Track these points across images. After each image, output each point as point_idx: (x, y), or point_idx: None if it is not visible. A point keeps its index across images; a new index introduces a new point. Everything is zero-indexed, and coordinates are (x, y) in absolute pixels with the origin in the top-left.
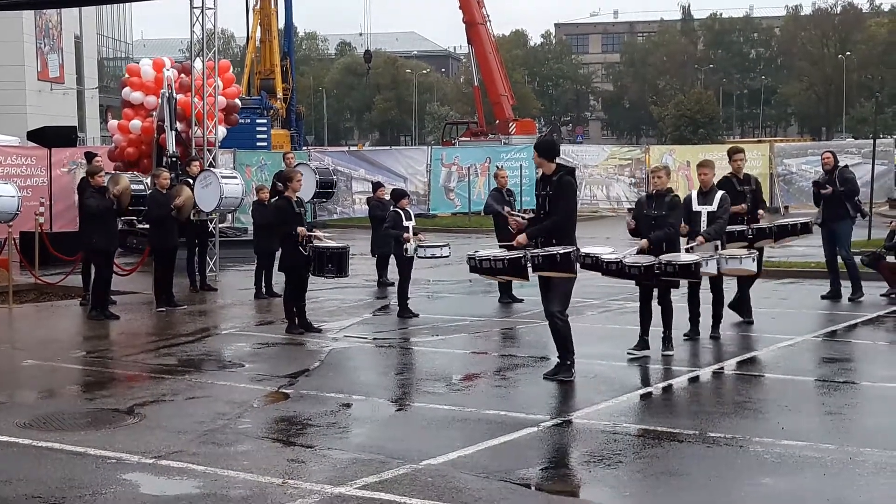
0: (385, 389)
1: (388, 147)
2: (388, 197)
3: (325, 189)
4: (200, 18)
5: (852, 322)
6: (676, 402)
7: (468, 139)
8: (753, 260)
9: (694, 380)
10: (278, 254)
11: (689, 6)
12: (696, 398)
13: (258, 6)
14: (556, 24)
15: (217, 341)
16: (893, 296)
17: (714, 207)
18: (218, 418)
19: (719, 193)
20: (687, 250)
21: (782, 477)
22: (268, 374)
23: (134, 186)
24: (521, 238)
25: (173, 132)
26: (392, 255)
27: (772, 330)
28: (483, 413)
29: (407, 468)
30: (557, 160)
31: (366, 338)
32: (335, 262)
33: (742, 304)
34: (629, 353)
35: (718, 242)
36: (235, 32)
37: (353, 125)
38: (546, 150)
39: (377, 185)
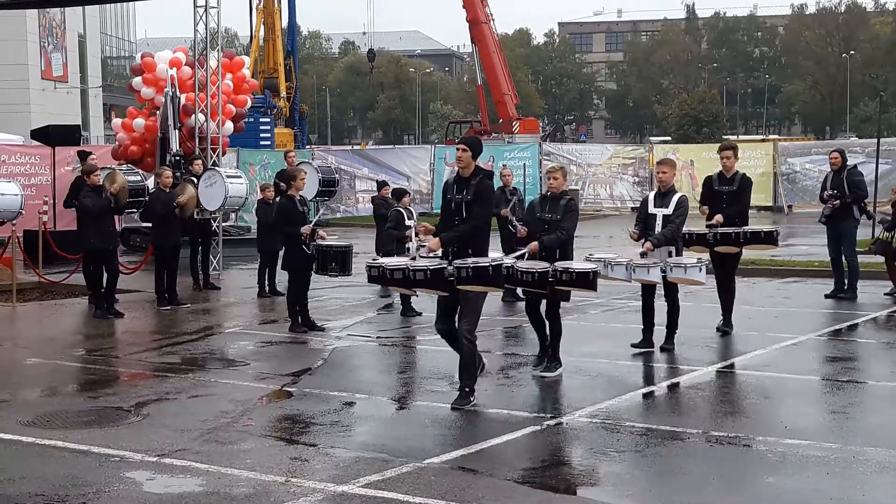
0: (388, 388)
1: (391, 146)
2: (391, 196)
3: (328, 188)
4: (204, 17)
5: (856, 321)
6: (679, 401)
7: None
8: (701, 269)
9: (697, 379)
10: (281, 252)
11: (692, 5)
12: (698, 397)
13: (262, 5)
14: (559, 23)
15: (220, 340)
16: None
17: (670, 210)
18: (221, 416)
19: (677, 196)
20: (641, 255)
21: (785, 476)
22: (271, 373)
23: (130, 178)
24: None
25: (177, 131)
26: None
27: (775, 329)
28: (486, 412)
29: (410, 466)
30: (477, 161)
31: (369, 336)
32: (338, 261)
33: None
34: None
35: (673, 248)
36: (239, 31)
37: (357, 124)
38: (476, 147)
39: (382, 184)
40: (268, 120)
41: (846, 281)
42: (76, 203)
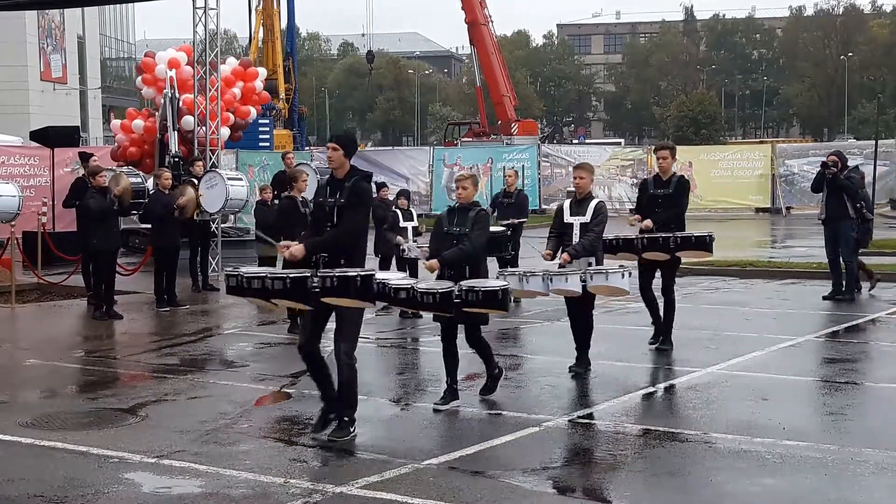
0: (387, 389)
1: (390, 147)
2: (391, 197)
3: None
4: (203, 19)
5: (854, 322)
6: (678, 403)
7: (470, 140)
8: (623, 276)
9: (695, 380)
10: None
11: (691, 7)
12: (697, 398)
13: (261, 6)
14: (558, 25)
15: (219, 341)
16: (872, 286)
17: (587, 218)
18: (220, 418)
19: (594, 202)
20: (560, 266)
21: (784, 477)
22: (270, 374)
23: (131, 180)
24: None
25: (176, 132)
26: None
27: (773, 330)
28: (485, 413)
29: (409, 468)
30: (353, 161)
31: (368, 338)
32: None
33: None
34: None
35: (593, 259)
36: (238, 33)
37: (356, 125)
38: (349, 145)
39: (380, 186)
40: (267, 121)
41: (844, 282)
42: (79, 204)
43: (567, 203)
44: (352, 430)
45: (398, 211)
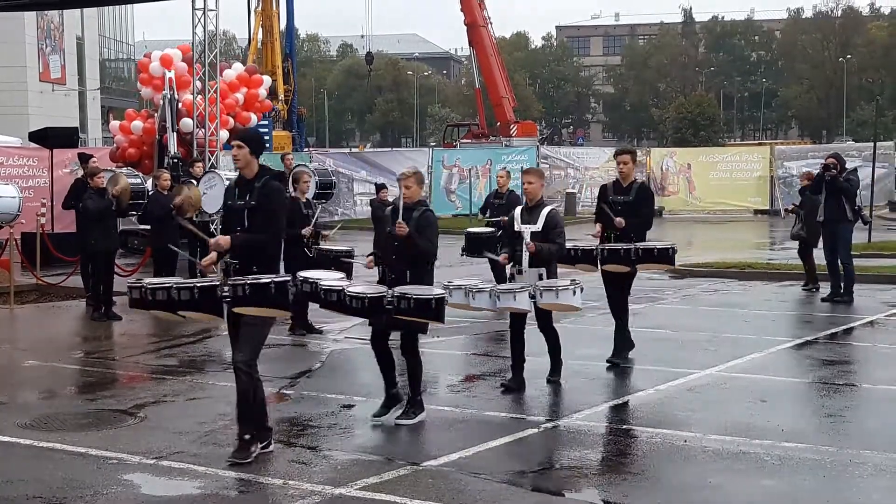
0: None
1: (389, 149)
2: (390, 198)
3: (325, 190)
4: (202, 20)
5: (852, 324)
6: (676, 405)
7: (469, 141)
8: (575, 292)
9: (693, 382)
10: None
11: (690, 9)
12: (696, 400)
13: (260, 8)
14: (557, 27)
15: (218, 342)
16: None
17: (538, 227)
18: (219, 419)
19: (546, 210)
20: (509, 278)
21: (782, 479)
22: (269, 375)
23: (130, 180)
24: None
25: (175, 133)
26: None
27: (772, 332)
28: (483, 414)
29: (408, 469)
30: (262, 160)
31: (367, 339)
32: (339, 267)
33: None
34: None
35: (544, 270)
36: (237, 34)
37: (355, 127)
38: (255, 142)
39: (380, 187)
40: (266, 123)
41: (842, 284)
42: (78, 205)
43: (518, 210)
44: (253, 449)
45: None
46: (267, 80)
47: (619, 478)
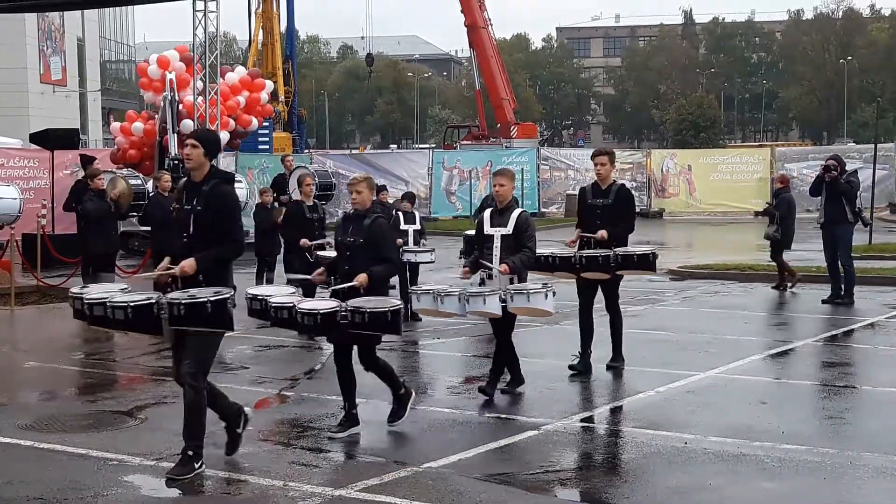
0: (386, 392)
1: (389, 150)
2: (390, 200)
3: (324, 192)
4: (203, 21)
5: (852, 326)
6: (677, 407)
7: (470, 143)
8: (547, 296)
9: (694, 384)
10: (279, 257)
11: (690, 10)
12: (696, 402)
13: (260, 9)
14: (557, 28)
15: None
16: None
17: (509, 230)
18: (218, 420)
19: (516, 213)
20: (480, 282)
21: (783, 481)
22: (269, 377)
23: (131, 182)
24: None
25: (175, 135)
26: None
27: (772, 334)
28: (484, 416)
29: (408, 471)
30: (215, 161)
31: None
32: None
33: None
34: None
35: (515, 276)
36: (238, 35)
37: (355, 128)
38: (210, 142)
39: (380, 189)
40: (266, 124)
41: (843, 286)
42: (78, 207)
43: (487, 213)
44: (196, 466)
45: (400, 213)
46: (269, 84)
47: (619, 480)
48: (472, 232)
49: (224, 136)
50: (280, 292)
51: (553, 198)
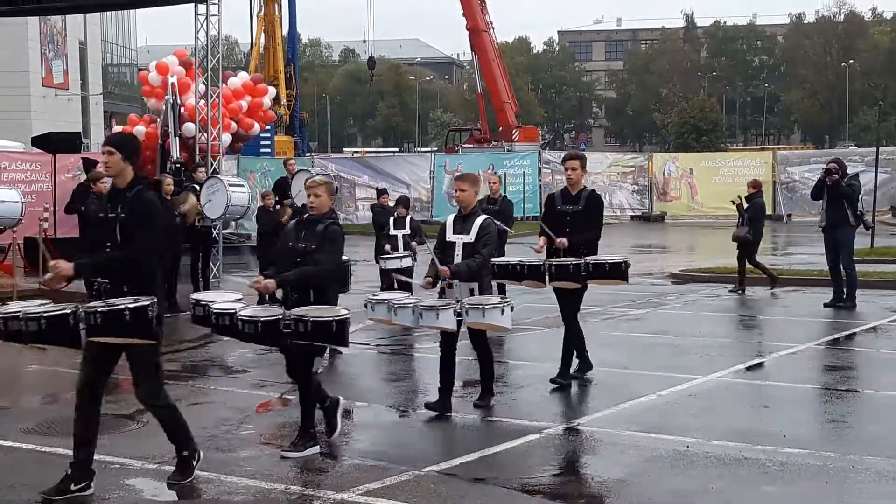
0: (387, 396)
1: (391, 153)
2: (391, 203)
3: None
4: (205, 25)
5: (854, 330)
6: (679, 410)
7: (471, 146)
8: (504, 311)
9: (695, 388)
10: None
11: (692, 14)
12: (698, 406)
13: (262, 13)
14: (559, 32)
15: (220, 347)
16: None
17: (471, 238)
18: (221, 424)
19: (480, 219)
20: (440, 293)
21: (785, 485)
22: (270, 380)
23: None
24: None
25: (177, 138)
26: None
27: (774, 338)
28: (486, 420)
29: (409, 474)
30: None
31: (368, 344)
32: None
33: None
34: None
35: (476, 286)
36: (240, 39)
37: (357, 132)
38: (126, 146)
39: (381, 192)
40: (268, 127)
41: (845, 290)
42: (81, 210)
43: (450, 218)
44: (195, 463)
45: (391, 219)
46: (272, 90)
47: (621, 483)
48: None
49: (226, 139)
50: (223, 298)
51: None
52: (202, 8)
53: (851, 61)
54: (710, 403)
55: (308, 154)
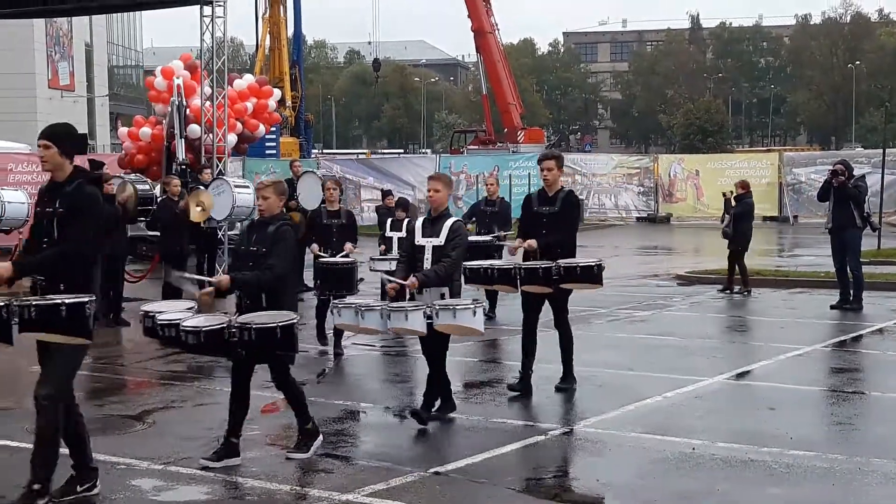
0: (392, 397)
1: (396, 155)
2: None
3: None
4: (210, 27)
5: (861, 332)
6: (684, 412)
7: (476, 147)
8: (476, 313)
9: (702, 389)
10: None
11: (697, 15)
12: (703, 408)
13: (267, 14)
14: (564, 33)
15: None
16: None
17: (441, 241)
18: (226, 425)
19: (449, 221)
20: (409, 297)
21: (791, 487)
22: None
23: (140, 187)
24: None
25: (183, 140)
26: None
27: (780, 339)
28: (491, 421)
29: (415, 476)
30: (74, 158)
31: (373, 346)
32: (341, 279)
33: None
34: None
35: (446, 290)
36: (245, 41)
37: (362, 133)
38: (64, 139)
39: (386, 193)
40: (273, 129)
41: (851, 292)
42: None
43: (419, 221)
44: (44, 502)
45: (389, 220)
46: (277, 92)
47: (627, 485)
48: (473, 238)
49: (231, 140)
50: (173, 307)
51: None
52: (207, 10)
53: (858, 62)
54: (716, 405)
55: (313, 155)
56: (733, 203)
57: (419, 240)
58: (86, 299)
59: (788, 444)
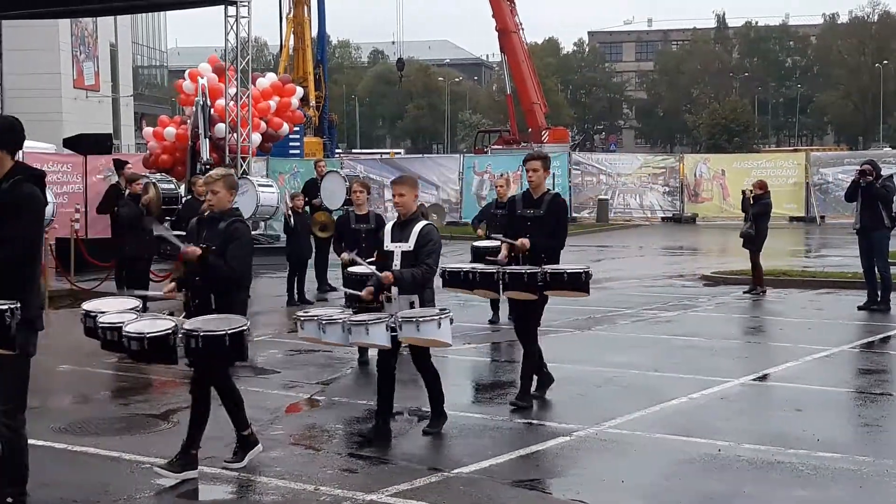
0: (415, 397)
1: (420, 155)
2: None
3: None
4: (234, 27)
5: (889, 333)
6: (710, 414)
7: (501, 147)
8: (441, 324)
9: (728, 391)
10: (311, 261)
11: (723, 14)
12: (729, 409)
13: (292, 14)
14: (589, 32)
15: (250, 348)
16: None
17: (410, 246)
18: (250, 424)
19: (419, 225)
20: (377, 308)
21: (818, 489)
22: (300, 381)
23: (164, 186)
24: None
25: (207, 139)
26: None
27: (807, 340)
28: (515, 422)
29: (439, 476)
30: (15, 156)
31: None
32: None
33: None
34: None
35: (416, 298)
36: (269, 41)
37: (386, 133)
38: (2, 135)
39: None
40: (297, 129)
41: (879, 293)
42: (115, 211)
43: (389, 226)
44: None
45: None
46: (299, 90)
47: (651, 486)
48: (481, 243)
49: (256, 139)
50: (116, 307)
51: (585, 203)
52: (232, 10)
53: (885, 62)
54: (742, 406)
55: (337, 155)
56: (751, 202)
57: (388, 245)
58: (6, 307)
59: (815, 446)
